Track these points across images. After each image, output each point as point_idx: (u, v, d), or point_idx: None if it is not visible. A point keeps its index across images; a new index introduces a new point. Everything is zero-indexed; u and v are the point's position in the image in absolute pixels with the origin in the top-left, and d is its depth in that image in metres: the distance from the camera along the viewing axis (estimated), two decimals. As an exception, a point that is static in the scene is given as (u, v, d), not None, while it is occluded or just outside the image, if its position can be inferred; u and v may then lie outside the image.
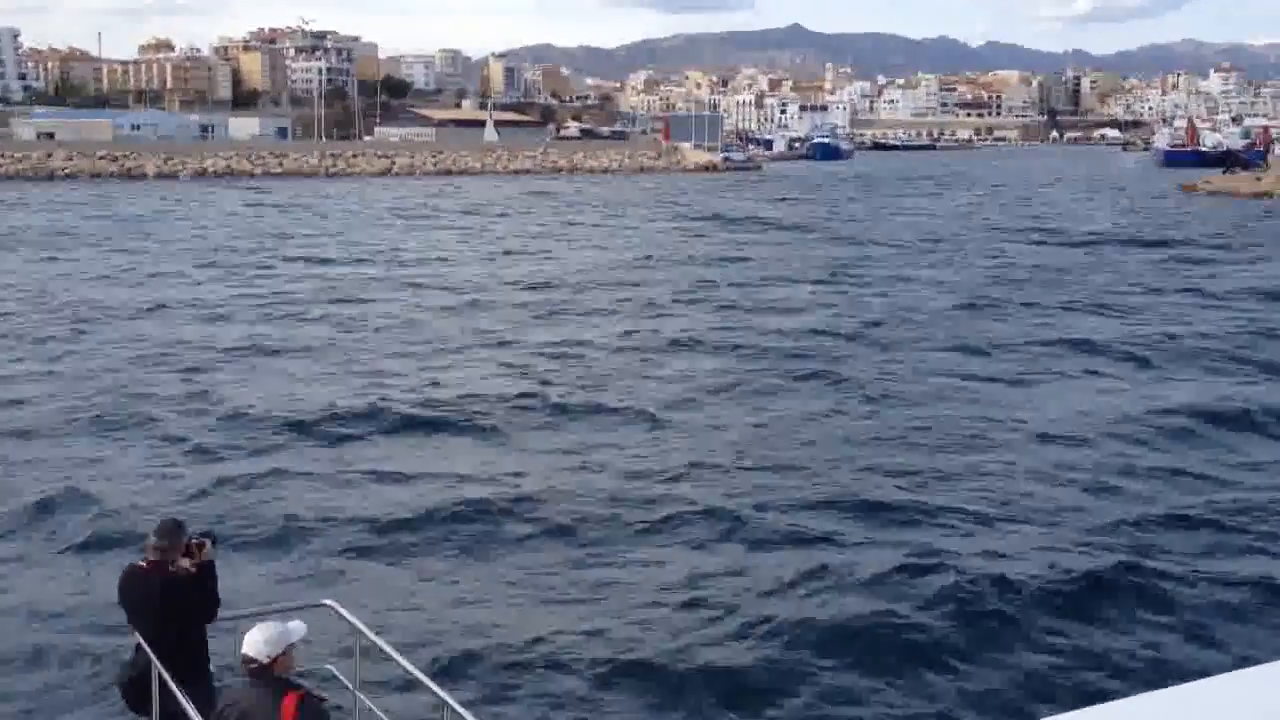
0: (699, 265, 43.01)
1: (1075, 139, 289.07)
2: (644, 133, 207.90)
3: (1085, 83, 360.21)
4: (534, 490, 15.72)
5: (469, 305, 32.67)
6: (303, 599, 10.18)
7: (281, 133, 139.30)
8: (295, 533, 14.00)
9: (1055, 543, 13.93)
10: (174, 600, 6.59)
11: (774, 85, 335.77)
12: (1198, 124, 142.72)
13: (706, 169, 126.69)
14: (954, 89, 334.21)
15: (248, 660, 5.84)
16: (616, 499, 15.45)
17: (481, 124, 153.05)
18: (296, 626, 6.07)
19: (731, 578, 12.86)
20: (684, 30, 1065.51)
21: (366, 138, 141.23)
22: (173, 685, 6.17)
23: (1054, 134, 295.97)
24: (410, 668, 6.55)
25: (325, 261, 43.12)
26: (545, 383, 22.51)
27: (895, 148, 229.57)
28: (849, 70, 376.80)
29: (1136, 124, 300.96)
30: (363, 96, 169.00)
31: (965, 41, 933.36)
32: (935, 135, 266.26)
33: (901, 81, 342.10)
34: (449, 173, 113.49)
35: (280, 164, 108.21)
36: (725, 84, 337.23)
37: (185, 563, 6.72)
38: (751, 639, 11.35)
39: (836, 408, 20.78)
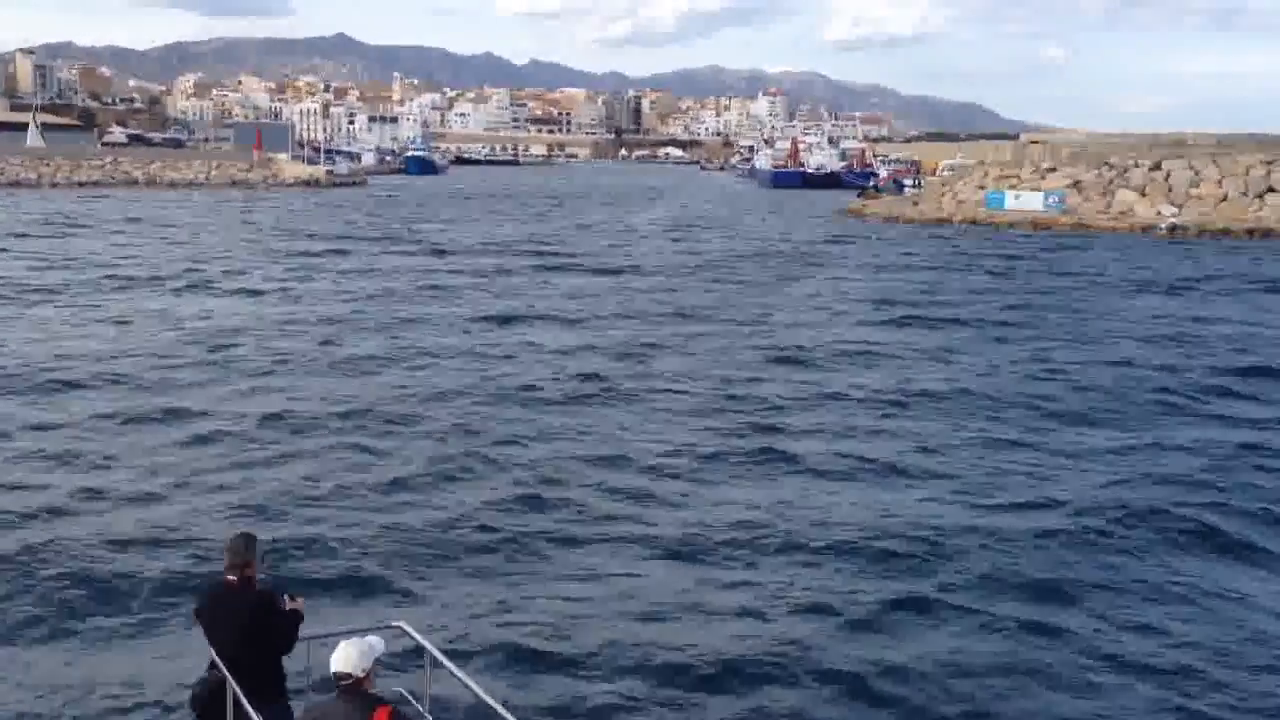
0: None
1: (641, 157, 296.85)
2: (206, 140, 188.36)
3: (646, 103, 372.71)
4: (614, 509, 15.13)
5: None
6: (373, 620, 10.07)
7: None
8: (362, 552, 13.28)
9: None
10: (264, 616, 6.41)
11: (339, 94, 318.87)
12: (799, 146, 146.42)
13: (308, 184, 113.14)
14: (524, 104, 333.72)
15: (341, 676, 5.83)
16: (698, 512, 15.03)
17: (17, 127, 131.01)
18: (379, 642, 6.09)
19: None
20: (221, 34, 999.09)
21: None
22: (246, 704, 5.95)
23: (622, 152, 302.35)
24: (480, 691, 6.30)
25: None
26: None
27: (480, 162, 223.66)
28: (416, 82, 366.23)
29: (695, 143, 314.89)
30: None
31: (510, 59, 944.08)
32: (514, 150, 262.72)
33: (472, 95, 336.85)
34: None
35: None
36: (284, 90, 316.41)
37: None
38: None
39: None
